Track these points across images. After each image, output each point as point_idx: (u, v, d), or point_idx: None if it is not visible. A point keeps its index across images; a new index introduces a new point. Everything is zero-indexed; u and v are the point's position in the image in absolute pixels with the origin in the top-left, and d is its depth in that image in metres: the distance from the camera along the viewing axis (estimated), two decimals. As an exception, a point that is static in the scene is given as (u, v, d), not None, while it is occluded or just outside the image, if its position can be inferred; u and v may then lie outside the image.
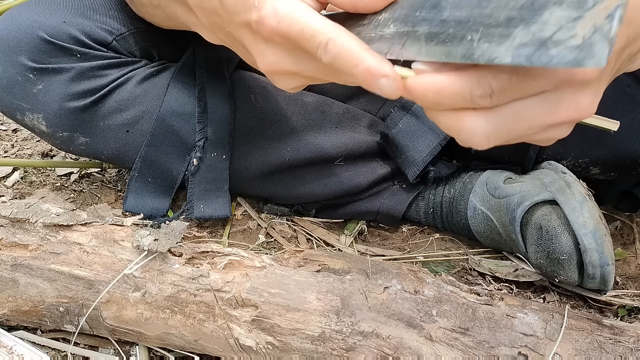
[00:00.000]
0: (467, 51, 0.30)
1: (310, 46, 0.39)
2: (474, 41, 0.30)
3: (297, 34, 0.39)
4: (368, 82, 0.36)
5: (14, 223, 0.65)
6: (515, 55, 0.27)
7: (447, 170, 0.84)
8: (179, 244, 0.64)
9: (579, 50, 0.25)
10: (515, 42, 0.27)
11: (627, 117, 0.74)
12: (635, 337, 0.57)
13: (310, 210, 0.88)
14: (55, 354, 0.66)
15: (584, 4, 0.25)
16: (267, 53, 0.43)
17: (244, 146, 0.82)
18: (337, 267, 0.63)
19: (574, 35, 0.25)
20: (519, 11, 0.28)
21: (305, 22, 0.39)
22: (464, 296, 0.60)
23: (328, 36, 0.38)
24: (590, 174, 0.80)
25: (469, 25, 0.31)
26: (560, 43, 0.26)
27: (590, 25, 0.25)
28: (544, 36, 0.26)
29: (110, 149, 0.81)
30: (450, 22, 0.32)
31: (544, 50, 0.26)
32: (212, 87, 0.81)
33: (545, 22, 0.26)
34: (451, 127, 0.35)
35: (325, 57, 0.38)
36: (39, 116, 0.77)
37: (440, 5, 0.34)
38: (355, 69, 0.36)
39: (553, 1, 0.26)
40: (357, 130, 0.84)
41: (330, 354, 0.58)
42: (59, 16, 0.75)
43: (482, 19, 0.30)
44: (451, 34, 0.32)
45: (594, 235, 0.66)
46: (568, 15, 0.26)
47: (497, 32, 0.29)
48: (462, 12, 0.31)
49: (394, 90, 0.35)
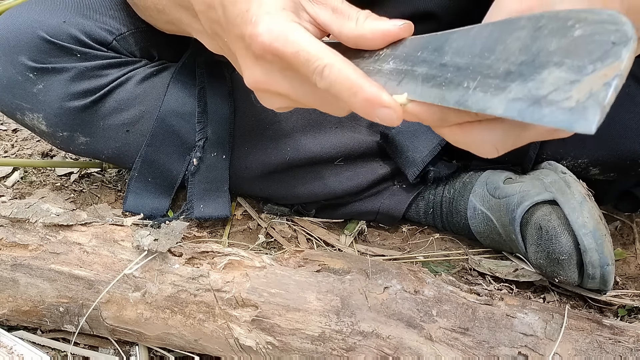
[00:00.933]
0: (461, 97, 0.31)
1: (305, 70, 0.38)
2: (469, 89, 0.30)
3: (291, 55, 0.39)
4: (367, 112, 0.36)
5: (14, 223, 0.65)
6: (508, 108, 0.28)
7: (447, 170, 0.84)
8: (179, 244, 0.64)
9: (572, 113, 0.25)
10: (510, 95, 0.28)
11: (627, 118, 0.74)
12: (635, 337, 0.57)
13: (310, 210, 0.88)
14: (55, 354, 0.66)
15: (583, 69, 0.25)
16: (256, 70, 0.43)
17: (244, 146, 0.82)
18: (337, 267, 0.63)
19: (569, 98, 0.25)
20: (519, 66, 0.28)
21: (301, 44, 0.39)
22: (464, 296, 0.60)
23: (325, 62, 0.37)
24: (590, 174, 0.80)
25: (467, 72, 0.31)
26: (554, 103, 0.26)
27: (586, 90, 0.25)
28: (539, 94, 0.26)
29: (110, 149, 0.81)
30: (449, 67, 0.32)
31: (537, 107, 0.26)
32: (212, 87, 0.81)
33: (543, 81, 0.27)
34: (458, 140, 0.36)
35: (321, 82, 0.38)
36: (39, 116, 0.77)
37: (443, 49, 0.34)
38: (353, 97, 0.36)
39: (554, 62, 0.26)
40: (357, 130, 0.84)
41: (330, 354, 0.58)
42: (59, 16, 0.76)
43: (481, 69, 0.30)
44: (448, 79, 0.32)
45: (594, 235, 0.66)
46: (566, 78, 0.26)
47: (493, 84, 0.29)
48: (463, 59, 0.32)
49: (394, 119, 0.35)
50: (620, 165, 0.78)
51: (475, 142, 0.35)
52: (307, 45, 0.38)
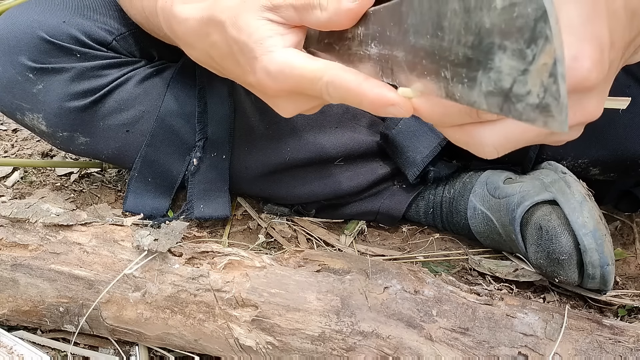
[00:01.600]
0: (448, 90, 0.30)
1: (313, 92, 0.41)
2: (448, 80, 0.30)
3: (296, 86, 0.41)
4: (377, 112, 0.38)
5: (14, 223, 0.65)
6: (490, 104, 0.27)
7: (447, 170, 0.84)
8: (179, 244, 0.64)
9: (540, 111, 0.24)
10: (482, 88, 0.27)
11: (627, 118, 0.74)
12: (635, 337, 0.57)
13: (310, 210, 0.88)
14: (55, 354, 0.66)
15: (525, 56, 0.24)
16: (282, 104, 0.46)
17: (243, 146, 0.82)
18: (337, 267, 0.63)
19: (530, 93, 0.25)
20: (472, 51, 0.27)
21: (299, 73, 0.41)
22: (464, 296, 0.60)
23: (325, 80, 0.39)
24: (590, 174, 0.80)
25: (436, 59, 0.30)
26: (522, 99, 0.25)
27: (538, 82, 0.24)
28: (504, 87, 0.26)
29: (110, 149, 0.81)
30: (419, 51, 0.32)
31: (511, 104, 0.26)
32: (212, 87, 0.81)
33: (500, 70, 0.26)
34: (459, 140, 0.36)
35: (332, 98, 0.40)
36: (38, 116, 0.77)
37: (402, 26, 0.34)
38: (361, 104, 0.38)
39: (497, 44, 0.26)
40: (357, 130, 0.84)
41: (330, 354, 0.58)
42: (59, 16, 0.75)
43: (444, 53, 0.30)
44: (426, 67, 0.32)
45: (594, 235, 0.66)
46: (516, 66, 0.25)
47: (463, 73, 0.28)
48: (424, 40, 0.31)
49: (403, 113, 0.36)
50: (621, 165, 0.78)
51: (475, 143, 0.35)
52: (303, 71, 0.40)
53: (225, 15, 0.45)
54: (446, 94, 0.31)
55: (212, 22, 0.47)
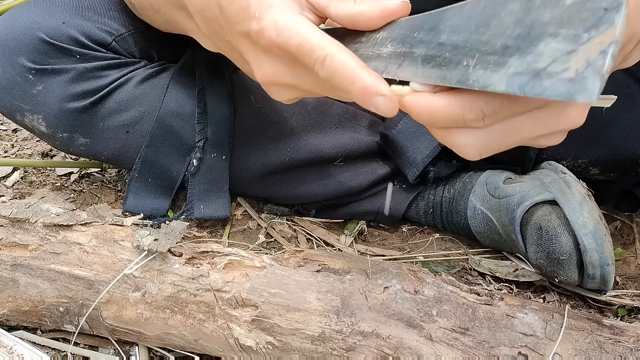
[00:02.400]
0: (462, 76, 0.31)
1: (308, 60, 0.39)
2: (469, 67, 0.30)
3: (295, 47, 0.40)
4: (364, 100, 0.37)
5: (14, 223, 0.65)
6: (510, 84, 0.28)
7: (446, 170, 0.84)
8: (179, 244, 0.64)
9: (572, 83, 0.25)
10: (510, 70, 0.28)
11: (627, 118, 0.74)
12: (635, 337, 0.57)
13: (310, 210, 0.88)
14: (55, 354, 0.66)
15: (579, 39, 0.25)
16: (265, 64, 0.44)
17: (243, 146, 0.82)
18: (337, 267, 0.63)
19: (568, 69, 0.25)
20: (515, 40, 0.28)
21: (304, 36, 0.39)
22: (464, 296, 0.60)
23: (326, 52, 0.38)
24: (590, 174, 0.80)
25: (465, 50, 0.31)
26: (554, 75, 0.26)
27: (584, 59, 0.25)
28: (538, 67, 0.26)
29: (110, 150, 0.81)
30: (447, 46, 0.32)
31: (537, 80, 0.26)
32: (212, 88, 0.81)
33: (541, 53, 0.27)
34: (445, 140, 0.37)
35: (323, 72, 0.38)
36: (38, 117, 0.77)
37: (438, 28, 0.34)
38: (351, 86, 0.37)
39: (549, 33, 0.26)
40: (357, 131, 0.84)
41: (330, 354, 0.58)
42: (59, 17, 0.76)
43: (478, 45, 0.30)
44: (447, 58, 0.32)
45: (594, 235, 0.66)
46: (563, 48, 0.26)
47: (492, 60, 0.29)
48: (459, 36, 0.32)
49: (389, 108, 0.36)
50: (620, 165, 0.78)
51: (459, 144, 0.36)
52: (310, 36, 0.39)
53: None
54: (458, 81, 0.31)
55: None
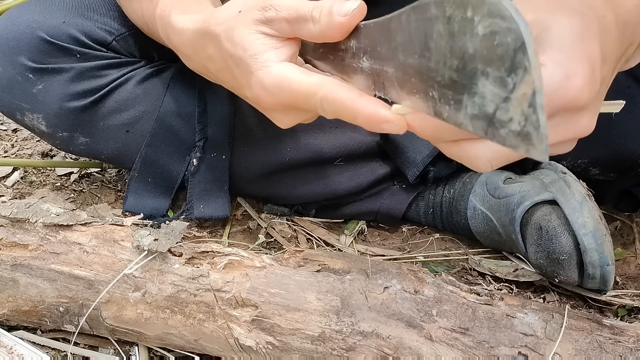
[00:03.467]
0: (436, 109, 0.31)
1: (308, 108, 0.41)
2: (436, 100, 0.30)
3: (291, 102, 0.42)
4: (371, 128, 0.38)
5: (14, 223, 0.65)
6: (475, 127, 0.28)
7: (446, 170, 0.84)
8: (179, 243, 0.64)
9: (521, 137, 0.25)
10: (468, 111, 0.28)
11: (627, 118, 0.74)
12: (635, 337, 0.57)
13: (310, 210, 0.88)
14: (55, 354, 0.66)
15: (506, 84, 0.25)
16: (279, 117, 0.47)
17: (243, 146, 0.82)
18: (337, 267, 0.63)
19: (512, 120, 0.25)
20: (458, 74, 0.28)
21: (293, 88, 0.41)
22: (464, 296, 0.60)
23: (319, 96, 0.40)
24: (590, 175, 0.80)
25: (425, 78, 0.31)
26: (504, 125, 0.26)
27: (519, 111, 0.25)
28: (488, 112, 0.26)
29: (110, 149, 0.81)
30: (409, 69, 0.33)
31: (494, 129, 0.26)
32: (212, 88, 0.80)
33: (483, 96, 0.26)
34: (453, 154, 0.37)
35: (327, 114, 0.41)
36: (38, 116, 0.77)
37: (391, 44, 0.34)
38: (356, 120, 0.39)
39: (480, 71, 0.26)
40: (357, 130, 0.84)
41: (330, 354, 0.58)
42: (59, 16, 0.75)
43: (431, 74, 0.30)
44: (415, 86, 0.32)
45: (594, 235, 0.66)
46: (498, 94, 0.25)
47: (450, 95, 0.29)
48: (412, 59, 0.32)
49: (397, 130, 0.37)
50: (620, 165, 0.78)
51: (469, 157, 0.36)
52: (298, 87, 0.41)
53: (220, 29, 0.46)
54: (434, 113, 0.31)
55: (207, 35, 0.47)
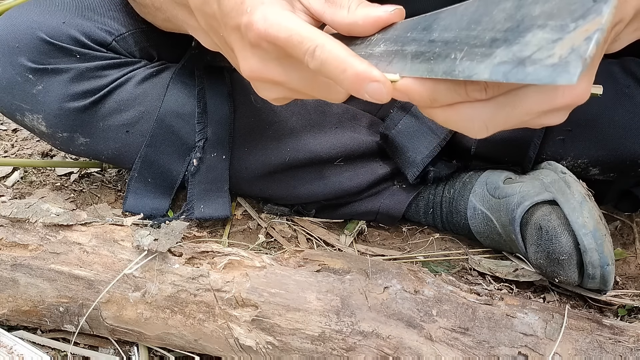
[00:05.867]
0: (449, 68, 0.31)
1: (297, 52, 0.39)
2: (456, 59, 0.31)
3: (284, 39, 0.39)
4: (357, 88, 0.36)
5: (14, 223, 0.65)
6: (493, 72, 0.28)
7: (446, 170, 0.84)
8: (179, 243, 0.64)
9: (554, 68, 0.26)
10: (495, 60, 0.29)
11: (627, 118, 0.74)
12: (635, 337, 0.57)
13: (310, 210, 0.88)
14: (55, 354, 0.66)
15: (565, 28, 0.26)
16: (252, 58, 0.44)
17: (243, 146, 0.82)
18: (337, 267, 0.63)
19: (552, 55, 0.26)
20: (504, 33, 0.29)
21: (294, 28, 0.39)
22: (464, 296, 0.60)
23: (316, 43, 0.38)
24: (589, 175, 0.80)
25: (455, 45, 0.32)
26: (538, 62, 0.27)
27: (568, 46, 0.26)
28: (523, 55, 0.27)
29: (110, 150, 0.81)
30: (437, 42, 0.33)
31: (520, 68, 0.27)
32: (212, 88, 0.81)
33: (527, 43, 0.27)
34: (448, 119, 0.36)
35: (313, 63, 0.38)
36: (38, 117, 0.77)
37: (431, 27, 0.35)
38: (343, 74, 0.37)
39: (537, 25, 0.27)
40: (357, 131, 0.84)
41: (330, 354, 0.58)
42: (59, 17, 0.76)
43: (468, 40, 0.31)
44: (436, 53, 0.33)
45: (594, 235, 0.66)
46: (549, 37, 0.27)
47: (479, 52, 0.30)
48: (450, 33, 0.33)
49: (383, 94, 0.36)
50: (620, 165, 0.78)
51: (465, 120, 0.35)
52: (299, 28, 0.39)
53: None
54: (444, 72, 0.32)
55: None
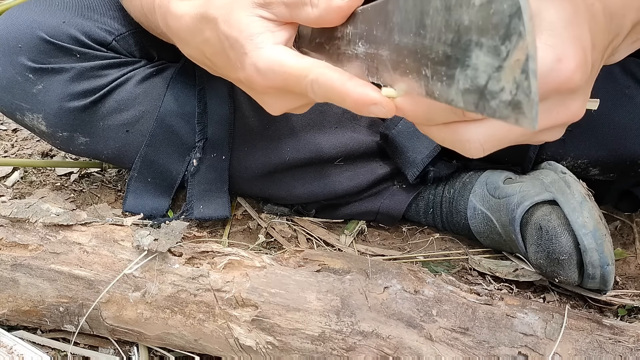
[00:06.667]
0: (428, 88, 0.31)
1: (299, 90, 0.41)
2: (428, 78, 0.31)
3: (283, 83, 0.42)
4: (360, 111, 0.38)
5: (14, 223, 0.65)
6: (466, 102, 0.28)
7: (446, 170, 0.84)
8: (179, 243, 0.64)
9: (512, 108, 0.25)
10: (460, 85, 0.28)
11: (627, 118, 0.74)
12: (635, 337, 0.57)
13: (310, 210, 0.88)
14: (55, 354, 0.66)
15: (499, 52, 0.25)
16: (270, 102, 0.47)
17: (243, 146, 0.82)
18: (337, 267, 0.63)
19: (503, 89, 0.25)
20: (452, 48, 0.28)
21: (286, 70, 0.41)
22: (464, 296, 0.60)
23: (310, 78, 0.40)
24: (589, 175, 0.80)
25: (418, 57, 0.31)
26: (495, 96, 0.26)
27: (511, 78, 0.25)
28: (480, 84, 0.27)
29: (110, 149, 0.81)
30: (403, 50, 0.33)
31: (485, 101, 0.27)
32: (212, 88, 0.81)
33: (476, 68, 0.27)
34: (445, 139, 0.36)
35: (316, 97, 0.40)
36: (38, 116, 0.77)
37: (388, 25, 0.35)
38: (345, 102, 0.38)
39: (474, 42, 0.26)
40: (357, 130, 0.84)
41: (330, 354, 0.58)
42: (59, 16, 0.76)
43: (425, 52, 0.30)
44: (408, 65, 0.33)
45: (594, 235, 0.66)
46: (491, 63, 0.26)
47: (442, 71, 0.29)
48: (407, 38, 0.32)
49: (385, 113, 0.37)
50: (620, 165, 0.78)
51: (461, 140, 0.35)
52: (290, 68, 0.41)
53: (218, 12, 0.46)
54: (426, 92, 0.31)
55: (205, 18, 0.48)
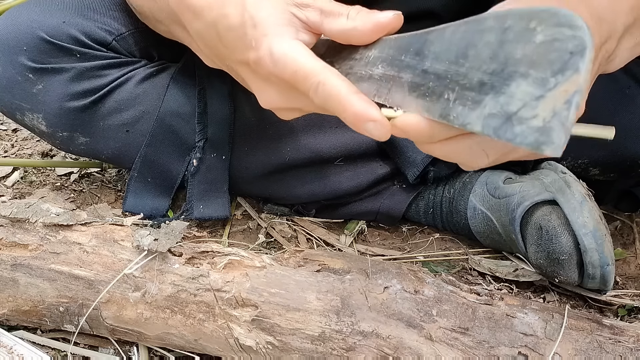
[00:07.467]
0: (444, 111, 0.31)
1: (302, 87, 0.41)
2: (450, 101, 0.31)
3: (290, 75, 0.41)
4: (356, 125, 0.38)
5: (14, 223, 0.65)
6: (485, 126, 0.28)
7: (446, 170, 0.84)
8: (179, 243, 0.64)
9: (539, 133, 0.26)
10: (485, 110, 0.28)
11: (627, 119, 0.74)
12: (635, 337, 0.57)
13: (310, 210, 0.88)
14: (55, 354, 0.66)
15: (547, 83, 0.26)
16: (267, 91, 0.46)
17: (243, 146, 0.82)
18: (337, 267, 0.63)
19: (536, 116, 0.26)
20: (491, 77, 0.28)
21: (298, 63, 0.41)
22: (464, 296, 0.60)
23: (319, 79, 0.39)
24: (590, 175, 0.80)
25: (446, 82, 0.32)
26: (524, 121, 0.26)
27: (550, 107, 0.25)
28: (510, 110, 0.27)
29: (110, 149, 0.81)
30: (430, 75, 0.33)
31: (509, 125, 0.27)
32: (212, 88, 0.81)
33: (513, 95, 0.27)
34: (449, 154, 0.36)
35: (316, 99, 0.40)
36: (38, 116, 0.77)
37: (423, 52, 0.35)
38: (344, 112, 0.38)
39: (520, 73, 0.27)
40: (357, 131, 0.84)
41: (330, 354, 0.58)
42: (59, 16, 0.76)
43: (458, 78, 0.31)
44: (431, 89, 0.33)
45: (594, 235, 0.66)
46: (532, 92, 0.26)
47: (470, 96, 0.30)
48: (441, 65, 0.32)
49: (381, 133, 0.37)
50: (620, 165, 0.78)
51: (465, 151, 0.35)
52: (303, 63, 0.41)
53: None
54: (440, 115, 0.32)
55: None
